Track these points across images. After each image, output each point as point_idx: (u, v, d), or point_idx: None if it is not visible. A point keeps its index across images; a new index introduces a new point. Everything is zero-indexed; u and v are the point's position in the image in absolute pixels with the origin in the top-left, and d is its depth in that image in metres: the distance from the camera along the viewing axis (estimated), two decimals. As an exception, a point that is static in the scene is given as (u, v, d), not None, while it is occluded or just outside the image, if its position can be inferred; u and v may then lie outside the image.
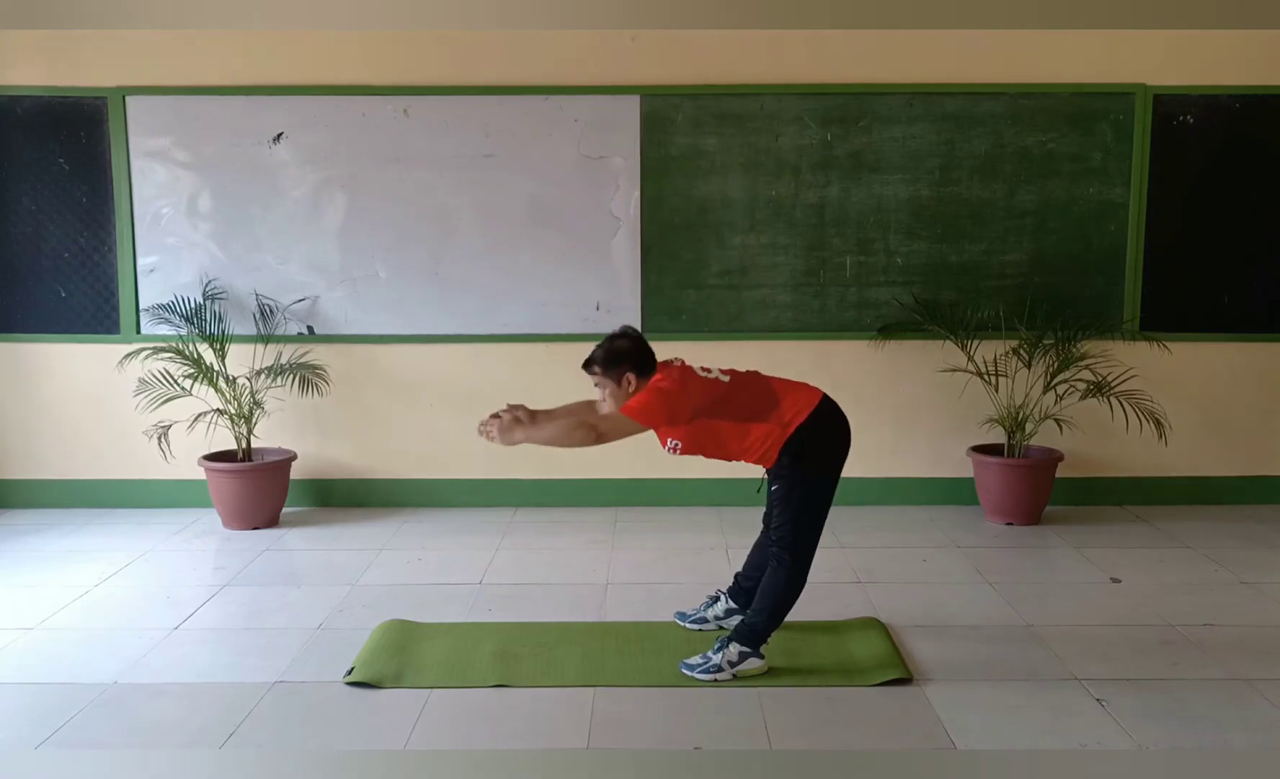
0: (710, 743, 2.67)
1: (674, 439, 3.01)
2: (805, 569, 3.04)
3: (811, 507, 3.01)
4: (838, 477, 3.05)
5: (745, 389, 3.01)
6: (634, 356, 3.02)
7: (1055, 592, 3.81)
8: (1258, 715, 2.80)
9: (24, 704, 2.90)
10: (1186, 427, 4.94)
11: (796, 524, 3.00)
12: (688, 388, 2.95)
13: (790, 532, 3.00)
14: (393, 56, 4.75)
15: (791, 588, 3.03)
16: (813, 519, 3.02)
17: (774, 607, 3.03)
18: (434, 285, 4.86)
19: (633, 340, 3.07)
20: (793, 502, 2.99)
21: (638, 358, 3.03)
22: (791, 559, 3.01)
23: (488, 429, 2.96)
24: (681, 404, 2.92)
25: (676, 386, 2.94)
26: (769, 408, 2.97)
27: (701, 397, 2.95)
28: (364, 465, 5.01)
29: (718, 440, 3.00)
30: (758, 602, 3.07)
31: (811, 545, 3.04)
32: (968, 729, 2.72)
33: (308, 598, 3.75)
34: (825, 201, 4.82)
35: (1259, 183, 4.84)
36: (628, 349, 3.03)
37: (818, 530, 3.04)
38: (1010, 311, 4.82)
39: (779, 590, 3.02)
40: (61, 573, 4.03)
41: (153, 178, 4.80)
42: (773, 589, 3.03)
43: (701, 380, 2.99)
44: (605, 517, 4.81)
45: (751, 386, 3.02)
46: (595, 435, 2.92)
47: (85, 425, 4.97)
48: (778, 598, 3.03)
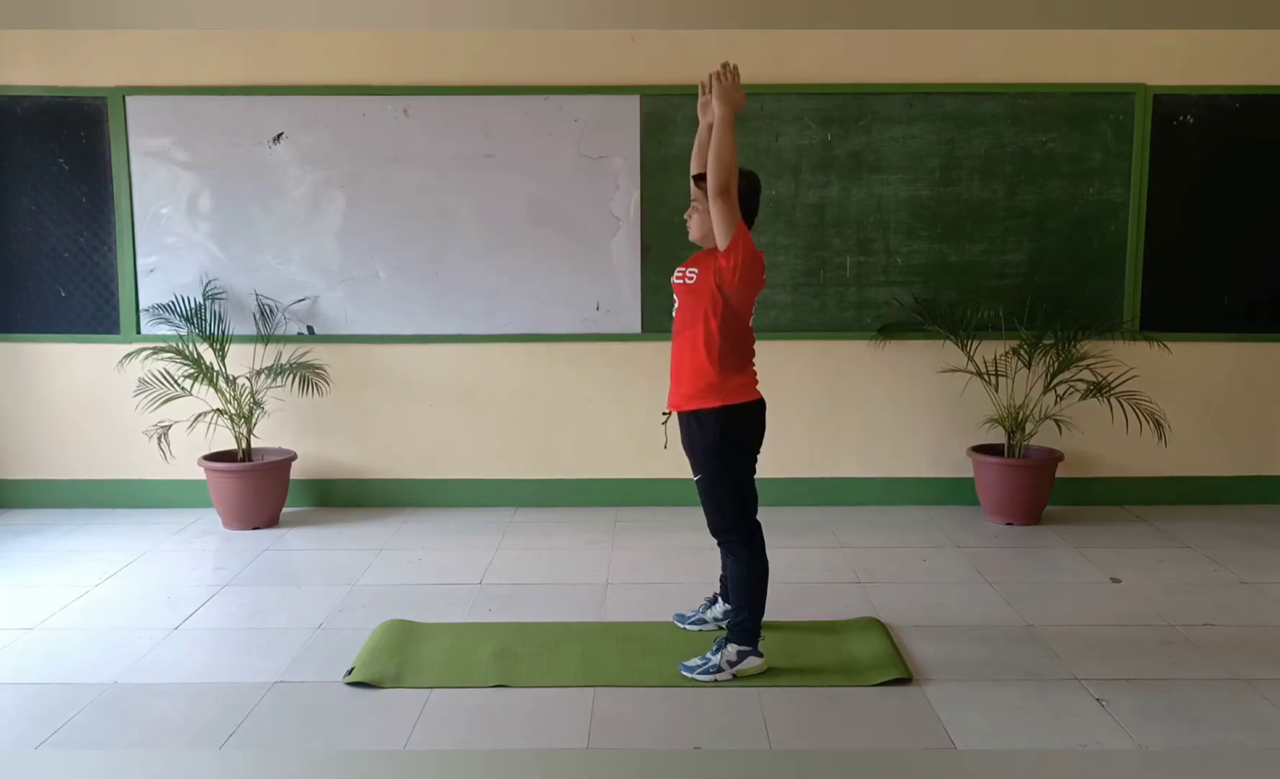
0: (710, 743, 2.67)
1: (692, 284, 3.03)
2: (760, 545, 3.08)
3: (738, 485, 3.05)
4: (754, 461, 3.09)
5: (750, 331, 3.08)
6: (741, 199, 2.98)
7: (1055, 592, 3.81)
8: (1258, 715, 2.80)
9: (24, 704, 2.90)
10: (1186, 427, 4.94)
11: (731, 508, 3.04)
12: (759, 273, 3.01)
13: (731, 518, 3.05)
14: (393, 56, 4.75)
15: (755, 569, 3.06)
16: (743, 494, 3.06)
17: (750, 596, 3.06)
18: (434, 285, 4.86)
19: (750, 183, 3.05)
20: (721, 488, 3.04)
21: (745, 200, 3.01)
22: (742, 543, 3.05)
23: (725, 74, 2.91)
24: (750, 267, 2.94)
25: (759, 261, 2.99)
26: (741, 360, 3.03)
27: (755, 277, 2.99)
28: (364, 465, 5.01)
29: (693, 332, 3.01)
30: (735, 600, 3.09)
31: (752, 519, 3.08)
32: (968, 729, 2.72)
33: (308, 598, 3.75)
34: (825, 201, 4.82)
35: (1259, 183, 4.84)
36: (742, 189, 2.99)
37: (753, 503, 3.08)
38: (1010, 311, 4.82)
39: (747, 578, 3.05)
40: (61, 573, 4.03)
41: (153, 178, 4.80)
42: (741, 579, 3.06)
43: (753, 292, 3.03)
44: (605, 517, 4.81)
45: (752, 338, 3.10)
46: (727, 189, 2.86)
47: (85, 425, 4.97)
48: (749, 585, 3.05)
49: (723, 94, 2.90)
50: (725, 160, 2.86)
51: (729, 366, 3.00)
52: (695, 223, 3.08)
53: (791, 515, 4.73)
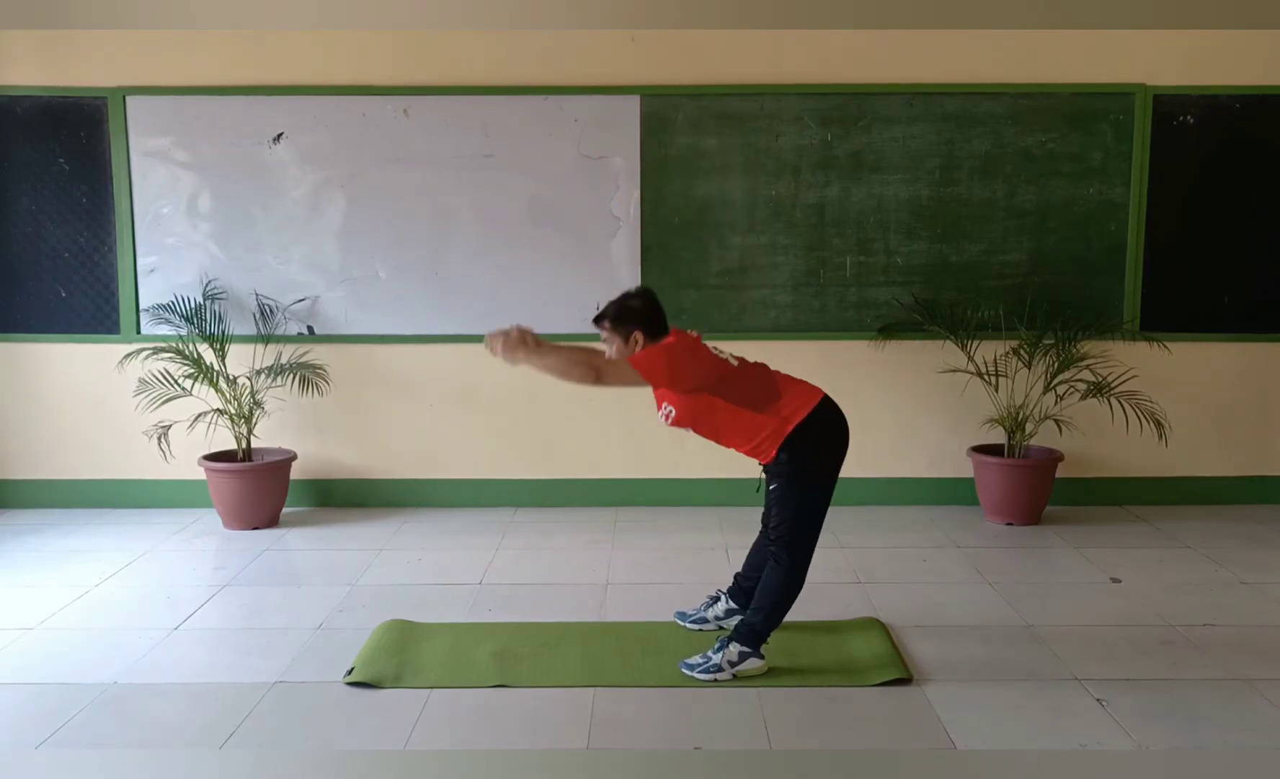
0: (710, 743, 2.67)
1: (670, 404, 2.99)
2: (804, 569, 3.04)
3: (810, 506, 3.00)
4: (836, 477, 3.05)
5: (751, 377, 3.01)
6: (645, 317, 3.00)
7: (1055, 592, 3.81)
8: (1258, 715, 2.80)
9: (24, 704, 2.90)
10: (1186, 427, 4.94)
11: (795, 524, 2.99)
12: (697, 356, 2.94)
13: (789, 531, 3.00)
14: (393, 56, 4.76)
15: (790, 587, 3.03)
16: (811, 519, 3.02)
17: (772, 606, 3.03)
18: (434, 285, 4.86)
19: (645, 301, 3.04)
20: (791, 501, 2.99)
21: (648, 319, 3.00)
22: (790, 559, 3.01)
23: (494, 342, 2.88)
24: (686, 369, 2.91)
25: (685, 351, 2.93)
26: (769, 400, 2.96)
27: (708, 369, 2.94)
28: (364, 465, 5.01)
29: (713, 419, 2.98)
30: (756, 601, 3.07)
31: (810, 545, 3.03)
32: (968, 729, 2.72)
33: (308, 598, 3.75)
34: (825, 201, 4.82)
35: (1259, 183, 4.84)
36: (639, 308, 3.00)
37: (816, 530, 3.04)
38: (1010, 311, 4.82)
39: (778, 590, 3.02)
40: (61, 573, 4.03)
41: (153, 178, 4.80)
42: (771, 589, 3.03)
43: (711, 356, 2.98)
44: (605, 517, 4.81)
45: (757, 377, 3.02)
46: (595, 375, 2.87)
47: (85, 425, 4.97)
48: (776, 597, 3.03)
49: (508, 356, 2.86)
50: (565, 370, 2.89)
51: (766, 410, 2.95)
52: (614, 349, 3.02)
53: (791, 515, 4.73)
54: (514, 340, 2.86)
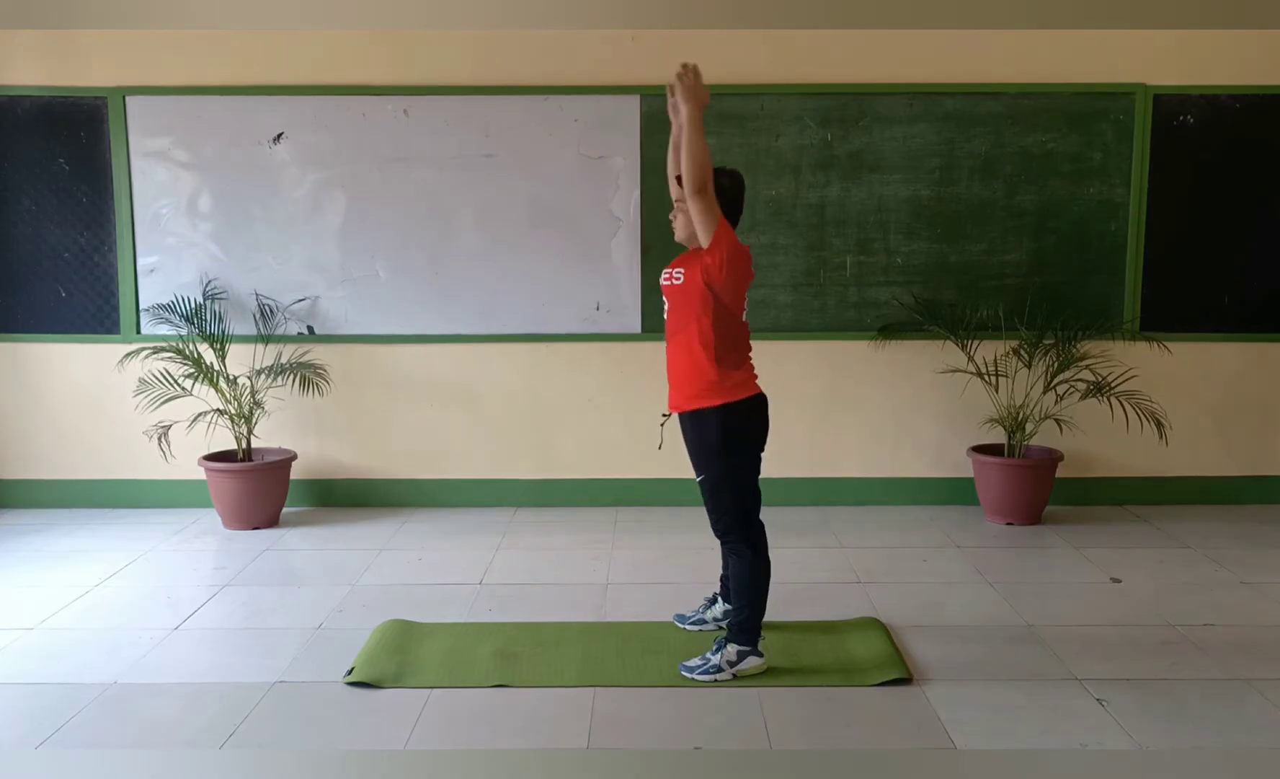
0: (710, 743, 2.67)
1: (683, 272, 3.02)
2: (763, 545, 3.07)
3: (744, 484, 3.04)
4: (760, 454, 3.09)
5: (744, 328, 3.07)
6: (728, 197, 3.00)
7: (1055, 592, 3.81)
8: (1258, 715, 2.80)
9: (24, 704, 2.90)
10: (1186, 427, 4.94)
11: (736, 509, 3.04)
12: (747, 268, 3.00)
13: (733, 518, 3.04)
14: (393, 56, 4.76)
15: (758, 570, 3.05)
16: (748, 494, 3.05)
17: (752, 596, 3.05)
18: (434, 285, 4.86)
19: (734, 181, 3.06)
20: (725, 489, 3.03)
21: (729, 200, 3.01)
22: (745, 543, 3.04)
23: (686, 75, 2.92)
24: (737, 267, 2.95)
25: (745, 257, 2.99)
26: (736, 354, 3.02)
27: (741, 281, 2.99)
28: (364, 465, 5.01)
29: (687, 326, 3.01)
30: (736, 599, 3.09)
31: (754, 519, 3.07)
32: (968, 729, 2.72)
33: (308, 598, 3.75)
34: (825, 201, 4.82)
35: (1259, 183, 4.84)
36: (726, 188, 3.00)
37: (757, 503, 3.08)
38: (1010, 311, 4.82)
39: (749, 578, 3.05)
40: (61, 573, 4.03)
41: (153, 178, 4.80)
42: (743, 579, 3.06)
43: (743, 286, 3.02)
44: (605, 517, 4.81)
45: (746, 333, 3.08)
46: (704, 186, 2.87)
47: (85, 425, 4.97)
48: (751, 585, 3.05)
49: (686, 93, 2.91)
50: (697, 158, 2.87)
51: (727, 364, 3.00)
52: (680, 223, 3.08)
53: (791, 515, 4.73)
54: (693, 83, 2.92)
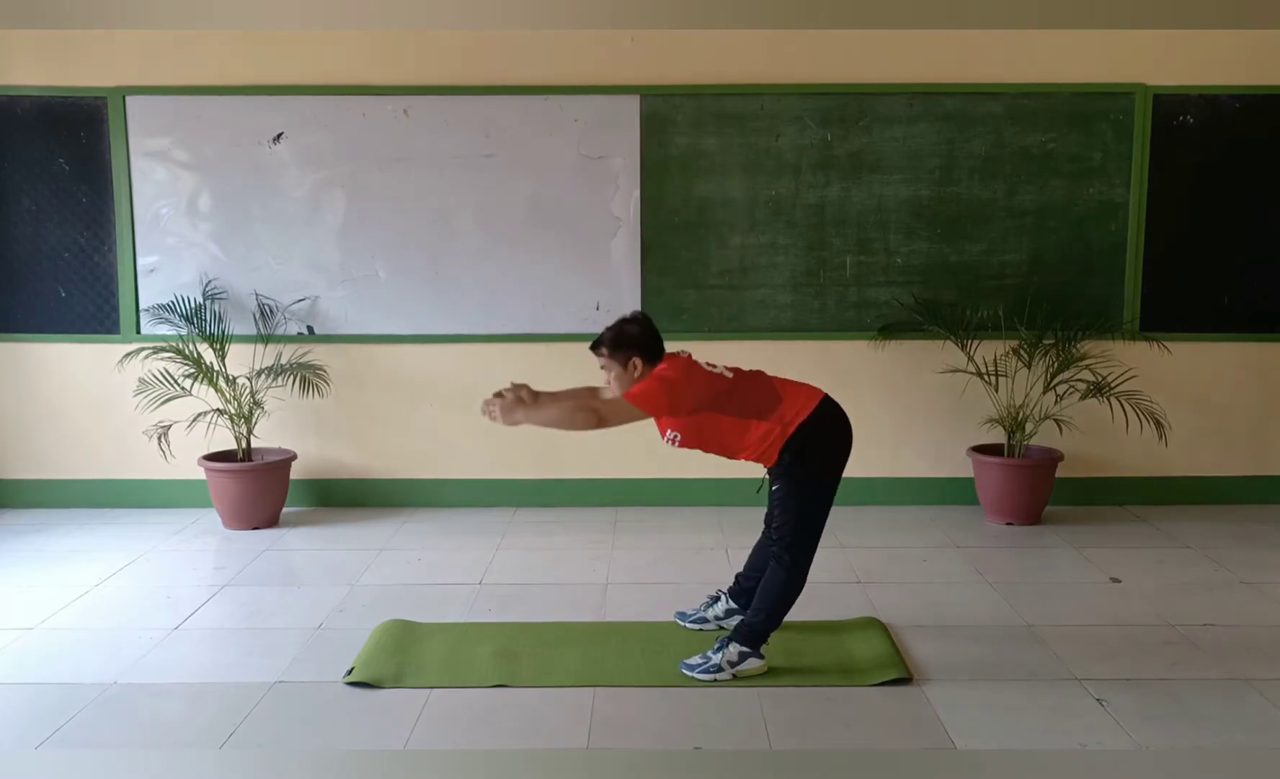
0: (710, 743, 2.67)
1: (674, 430, 3.02)
2: (805, 569, 3.04)
3: (812, 507, 3.01)
4: (839, 477, 3.05)
5: (748, 386, 3.02)
6: (642, 342, 3.03)
7: (1055, 592, 3.81)
8: (1258, 715, 2.80)
9: (24, 704, 2.90)
10: (1186, 427, 4.94)
11: (797, 524, 3.00)
12: (692, 379, 2.96)
13: (791, 531, 3.00)
14: (393, 56, 4.75)
15: (791, 588, 3.03)
16: (813, 519, 3.02)
17: (773, 606, 3.03)
18: (434, 285, 4.86)
19: (642, 326, 3.07)
20: (793, 501, 2.99)
21: (646, 344, 3.03)
22: (791, 558, 3.01)
23: (490, 408, 2.94)
24: (684, 394, 2.93)
25: (681, 376, 2.95)
26: (771, 406, 2.97)
27: (704, 389, 2.96)
28: (364, 465, 5.01)
29: (718, 435, 3.00)
30: (757, 601, 3.07)
31: (811, 546, 3.04)
32: (968, 729, 2.72)
33: (308, 598, 3.75)
34: (825, 201, 4.82)
35: (1259, 183, 4.84)
36: (636, 335, 3.03)
37: (818, 531, 3.04)
38: (1010, 311, 4.81)
39: (778, 590, 3.02)
40: (61, 573, 4.02)
41: (153, 178, 4.80)
42: (773, 589, 3.03)
43: (706, 374, 3.00)
44: (605, 517, 4.81)
45: (755, 384, 3.03)
46: (597, 419, 2.92)
47: (85, 425, 4.97)
48: (777, 597, 3.03)
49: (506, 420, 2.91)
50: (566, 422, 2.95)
51: (769, 417, 2.96)
52: (613, 384, 3.06)
53: (791, 515, 4.73)
54: (510, 405, 2.93)
